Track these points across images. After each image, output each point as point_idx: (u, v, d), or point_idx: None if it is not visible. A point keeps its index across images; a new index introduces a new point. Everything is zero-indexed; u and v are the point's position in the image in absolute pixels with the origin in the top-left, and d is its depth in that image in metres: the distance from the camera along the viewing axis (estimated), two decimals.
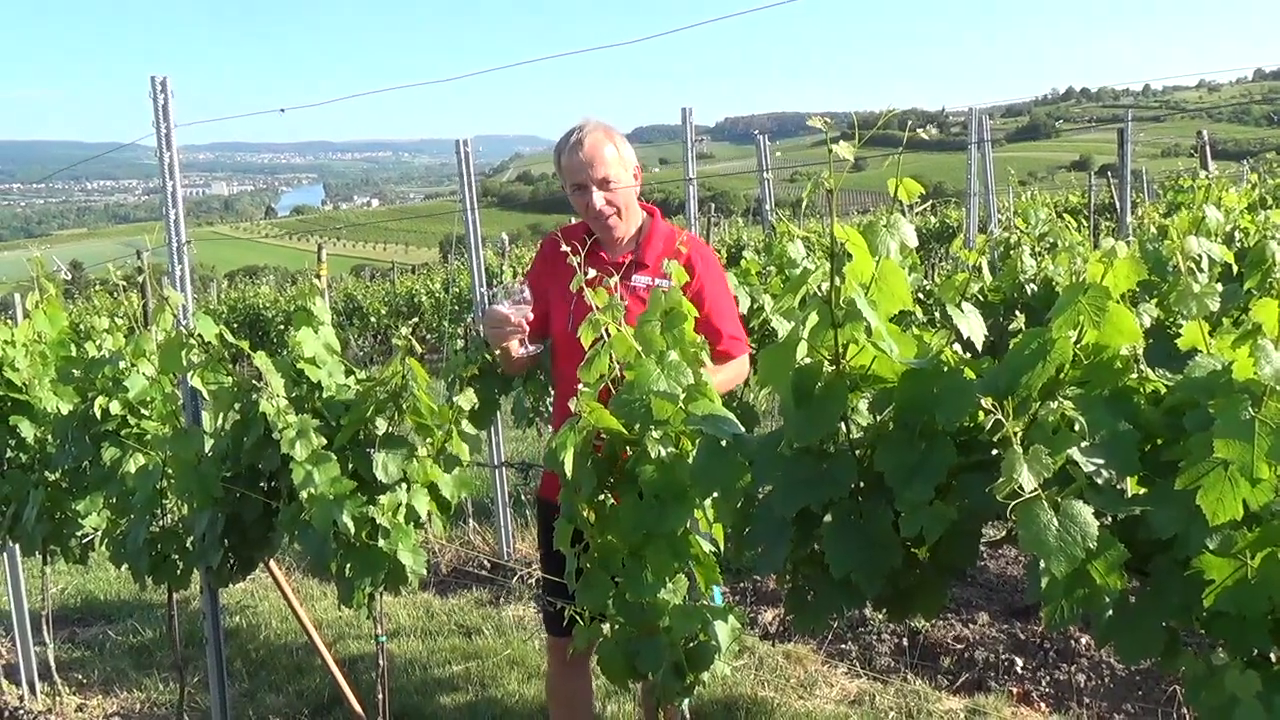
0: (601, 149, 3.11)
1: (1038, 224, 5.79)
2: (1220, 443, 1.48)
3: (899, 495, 1.76)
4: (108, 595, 6.82)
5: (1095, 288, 1.68)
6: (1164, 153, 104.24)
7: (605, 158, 3.11)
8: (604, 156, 3.11)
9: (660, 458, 2.20)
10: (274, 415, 2.91)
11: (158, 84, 3.29)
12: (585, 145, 3.10)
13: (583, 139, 3.11)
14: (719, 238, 17.39)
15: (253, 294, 20.70)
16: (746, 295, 4.66)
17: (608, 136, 3.15)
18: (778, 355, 1.87)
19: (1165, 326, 3.42)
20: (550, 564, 3.13)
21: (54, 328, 4.38)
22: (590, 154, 3.10)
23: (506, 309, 2.98)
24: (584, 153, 3.09)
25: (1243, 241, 4.43)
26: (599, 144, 3.12)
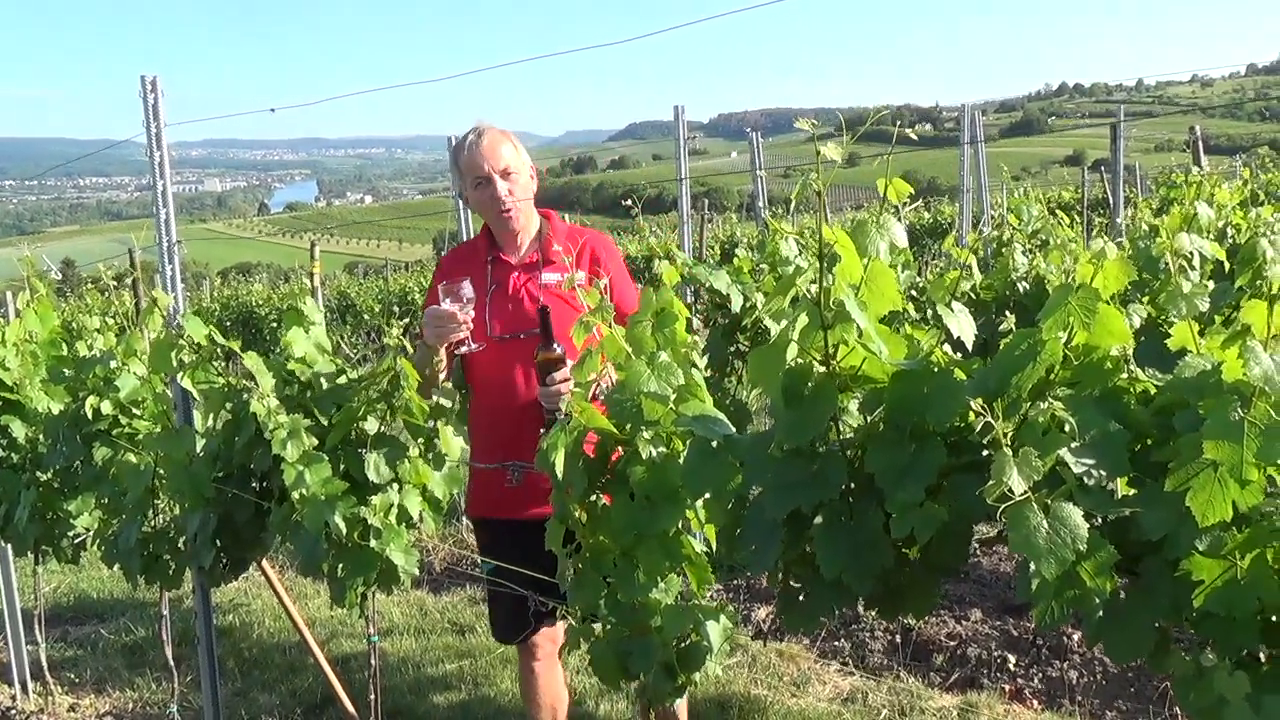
0: (500, 146, 3.17)
1: (1030, 221, 5.79)
2: (1209, 444, 1.48)
3: (890, 496, 1.76)
4: (100, 594, 6.81)
5: (1085, 289, 1.68)
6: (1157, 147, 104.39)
7: (504, 153, 3.17)
8: (502, 152, 3.17)
9: (651, 458, 2.20)
10: (265, 415, 2.90)
11: (148, 84, 3.28)
12: (484, 140, 3.16)
13: (480, 136, 3.17)
14: (712, 234, 17.38)
15: (245, 292, 20.60)
16: (739, 293, 4.65)
17: (505, 136, 3.22)
18: (768, 356, 1.87)
19: (1158, 324, 3.43)
20: (499, 575, 3.12)
21: (45, 327, 4.36)
22: (489, 149, 3.15)
23: (450, 305, 2.96)
24: (483, 147, 3.14)
25: (1234, 238, 4.43)
26: (497, 141, 3.17)
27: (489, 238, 3.25)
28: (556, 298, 3.11)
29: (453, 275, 3.16)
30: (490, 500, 3.25)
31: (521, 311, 3.16)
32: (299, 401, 3.12)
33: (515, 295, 3.18)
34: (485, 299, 3.15)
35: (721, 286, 4.70)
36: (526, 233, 3.24)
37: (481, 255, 3.24)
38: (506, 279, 3.20)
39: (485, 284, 3.18)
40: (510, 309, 3.17)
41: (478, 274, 3.18)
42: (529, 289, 3.18)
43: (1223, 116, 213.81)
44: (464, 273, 3.16)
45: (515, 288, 3.19)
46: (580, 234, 3.31)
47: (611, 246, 3.34)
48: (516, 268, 3.21)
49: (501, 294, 3.19)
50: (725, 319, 5.01)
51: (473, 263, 3.24)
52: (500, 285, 3.19)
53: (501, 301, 3.18)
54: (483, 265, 3.22)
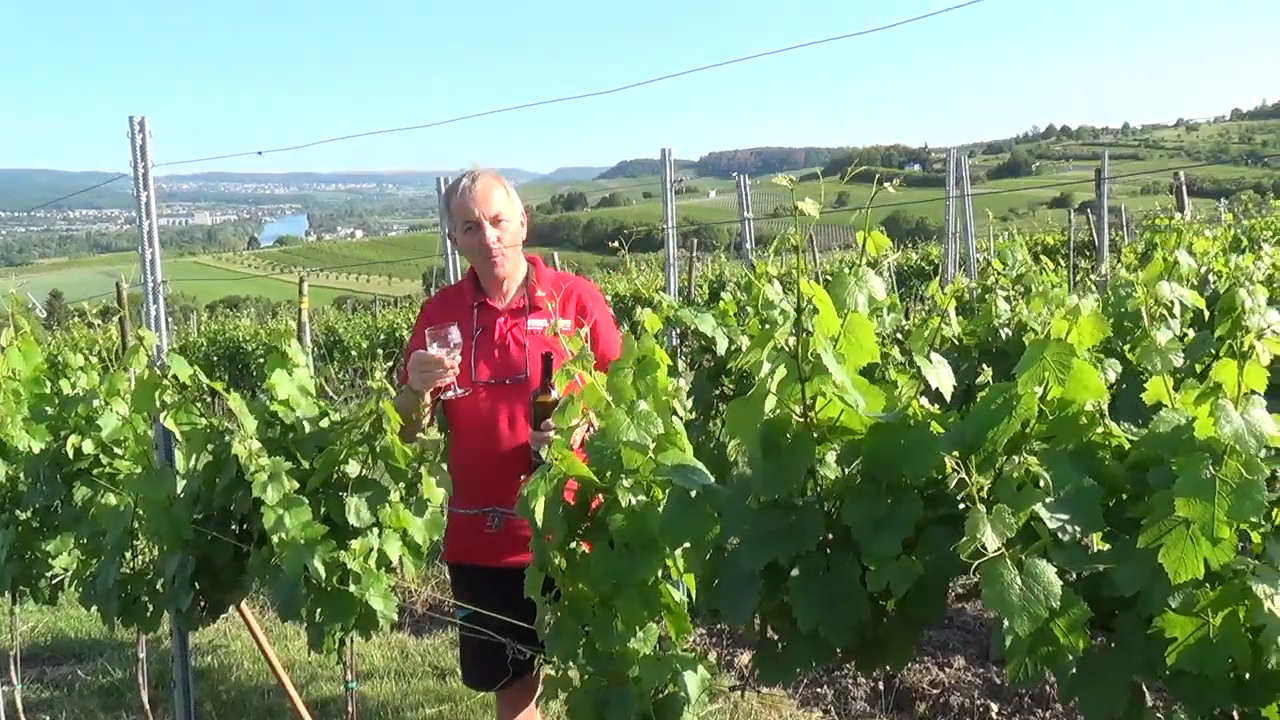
0: (492, 191, 3.17)
1: (1015, 265, 5.83)
2: (1181, 501, 1.49)
3: (866, 549, 1.76)
4: (79, 633, 6.75)
5: (1060, 344, 1.69)
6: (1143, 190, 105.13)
7: (496, 199, 3.17)
8: (494, 198, 3.17)
9: (631, 506, 2.20)
10: (246, 458, 2.89)
11: (136, 124, 3.29)
12: (477, 186, 3.16)
13: (474, 181, 3.17)
14: (700, 273, 17.45)
15: (232, 326, 20.59)
16: (724, 336, 4.67)
17: (498, 181, 3.22)
18: (746, 408, 1.88)
19: (1138, 373, 3.45)
20: (474, 621, 3.10)
21: (29, 364, 4.35)
22: (482, 193, 3.15)
23: (436, 350, 2.96)
24: (475, 193, 3.15)
25: (1216, 285, 4.47)
26: (490, 186, 3.17)
27: (474, 282, 3.26)
28: (542, 343, 3.12)
29: (438, 319, 3.16)
30: (468, 546, 3.24)
31: (508, 357, 3.17)
32: (281, 444, 3.11)
33: (501, 341, 3.18)
34: (471, 344, 3.15)
35: (707, 329, 4.72)
36: (513, 279, 3.25)
37: (467, 300, 3.25)
38: (493, 324, 3.20)
39: (471, 329, 3.18)
40: (496, 355, 3.17)
41: (463, 318, 3.18)
42: (515, 335, 3.19)
43: (1208, 160, 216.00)
44: (449, 317, 3.16)
45: (501, 333, 3.19)
46: (566, 280, 3.32)
47: (597, 294, 3.35)
48: (503, 313, 3.22)
49: (487, 339, 3.19)
50: (710, 362, 5.03)
51: (458, 307, 3.25)
52: (486, 330, 3.20)
53: (487, 347, 3.18)
54: (468, 310, 3.22)
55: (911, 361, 4.75)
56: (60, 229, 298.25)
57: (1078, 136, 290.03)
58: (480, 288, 3.25)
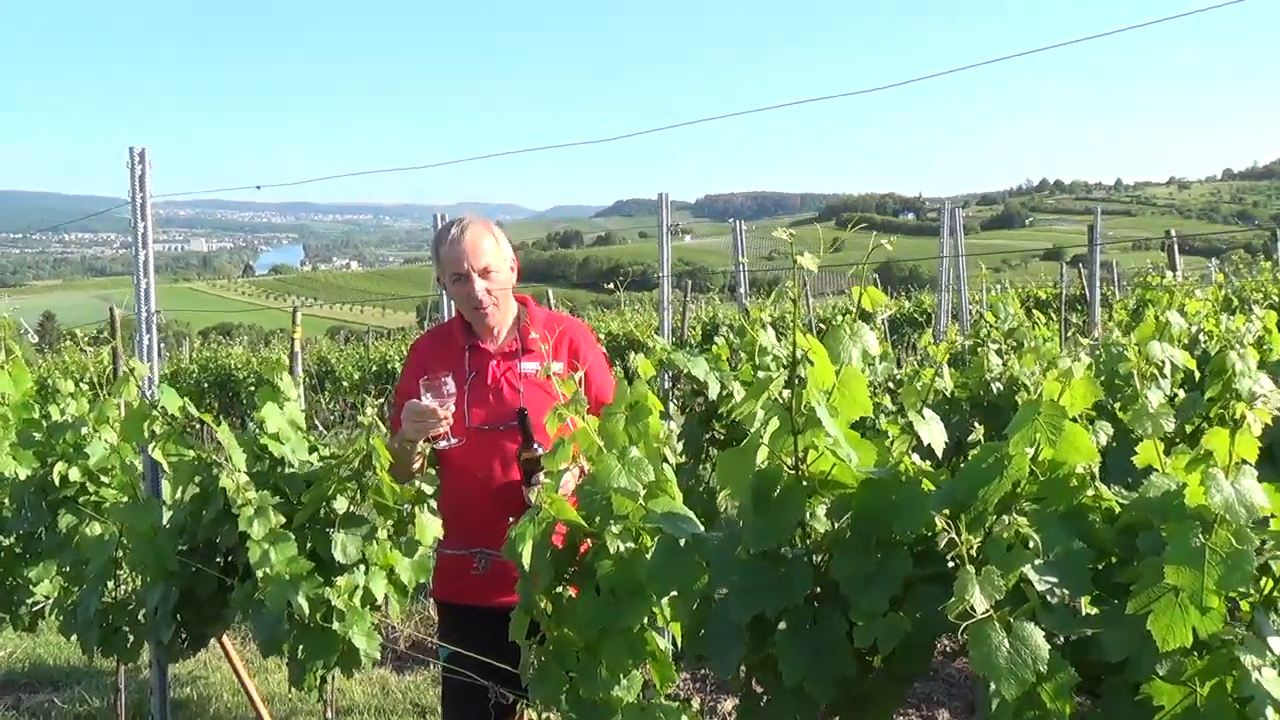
0: (481, 241, 3.16)
1: (1007, 318, 5.86)
2: (1171, 569, 1.49)
3: (855, 605, 1.76)
4: (57, 660, 6.66)
5: (1052, 406, 1.70)
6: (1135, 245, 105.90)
7: (485, 249, 3.16)
8: (483, 248, 3.15)
9: (619, 553, 2.19)
10: (233, 491, 2.88)
11: (136, 155, 3.30)
12: (466, 237, 3.15)
13: (463, 231, 3.16)
14: (694, 315, 17.48)
15: (225, 354, 20.54)
16: (716, 380, 4.67)
17: (487, 229, 3.21)
18: (737, 459, 1.88)
19: (1129, 432, 3.45)
20: (456, 662, 3.06)
21: (18, 389, 4.34)
22: (470, 245, 3.14)
23: (430, 401, 2.95)
24: (464, 244, 3.14)
25: (1206, 345, 4.49)
26: (479, 236, 3.16)
27: (466, 323, 3.26)
28: (535, 386, 3.11)
29: (428, 361, 3.15)
30: (456, 585, 3.21)
31: (501, 401, 3.16)
32: (269, 478, 3.10)
33: (495, 385, 3.17)
34: (464, 386, 3.14)
35: (699, 374, 4.73)
36: (503, 324, 3.25)
37: (459, 341, 3.24)
38: (485, 367, 3.19)
39: (463, 372, 3.17)
40: (490, 399, 3.16)
41: (455, 361, 3.17)
42: (508, 379, 3.18)
43: (1199, 218, 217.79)
44: (441, 358, 3.15)
45: (495, 377, 3.18)
46: (558, 322, 3.32)
47: (589, 335, 3.35)
48: (495, 355, 3.21)
49: (480, 383, 3.18)
50: (702, 405, 5.03)
51: (450, 348, 3.24)
52: (479, 374, 3.19)
53: (481, 391, 3.17)
54: (460, 352, 3.21)
55: (903, 412, 4.77)
56: (55, 251, 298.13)
57: (1071, 191, 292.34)
58: (472, 330, 3.25)
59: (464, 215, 3.25)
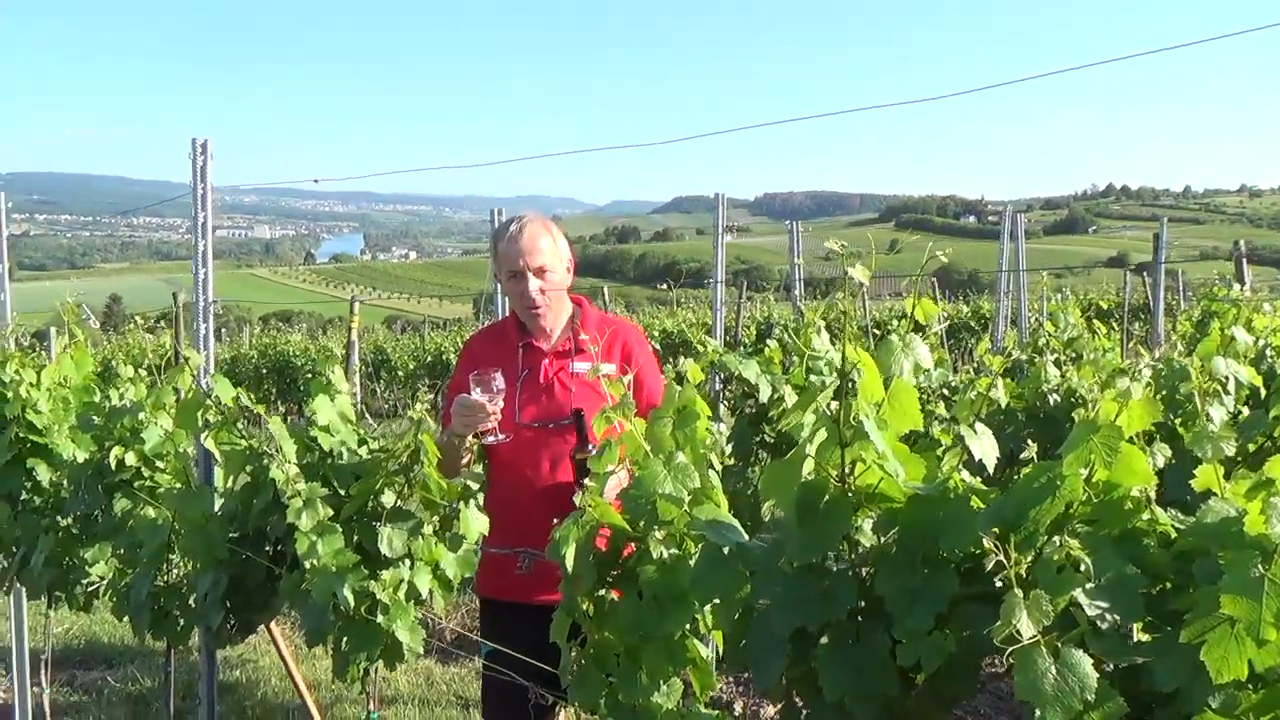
0: (538, 240, 3.15)
1: (1066, 328, 5.76)
2: (1227, 598, 1.45)
3: (899, 622, 1.73)
4: (111, 639, 6.80)
5: (1109, 427, 1.65)
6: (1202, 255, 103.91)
7: (542, 248, 3.15)
8: (540, 247, 3.15)
9: (662, 558, 2.18)
10: (283, 483, 2.91)
11: (198, 146, 3.35)
12: (524, 235, 3.14)
13: (522, 229, 3.15)
14: (749, 314, 17.42)
15: (283, 341, 20.85)
16: (768, 384, 4.64)
17: (545, 228, 3.20)
18: (783, 470, 1.86)
19: (1188, 451, 3.38)
20: (497, 660, 3.05)
21: (80, 373, 4.42)
22: (528, 243, 3.13)
23: (480, 397, 2.95)
24: (522, 242, 3.13)
25: (1273, 361, 4.37)
26: (536, 235, 3.16)
27: (519, 322, 3.26)
28: (587, 386, 3.11)
29: (481, 358, 3.16)
30: (499, 582, 3.22)
31: (553, 400, 3.16)
32: (319, 469, 3.12)
33: (547, 383, 3.18)
34: (516, 384, 3.14)
35: (751, 376, 4.70)
36: (557, 323, 3.25)
37: (513, 339, 3.25)
38: (538, 365, 3.20)
39: (516, 369, 3.18)
40: (542, 397, 3.17)
41: (509, 358, 3.18)
42: (561, 378, 3.18)
43: (1270, 228, 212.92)
44: (494, 356, 3.16)
45: (547, 376, 3.19)
46: (612, 324, 3.32)
47: (642, 338, 3.34)
48: (548, 354, 3.21)
49: (533, 380, 3.19)
50: (753, 408, 5.00)
51: (504, 345, 3.25)
52: (532, 371, 3.19)
53: (533, 389, 3.18)
54: (514, 350, 3.22)
55: (956, 421, 4.70)
56: (124, 235, 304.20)
57: (1138, 197, 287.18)
58: (526, 328, 3.25)
59: (524, 213, 3.25)
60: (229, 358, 19.87)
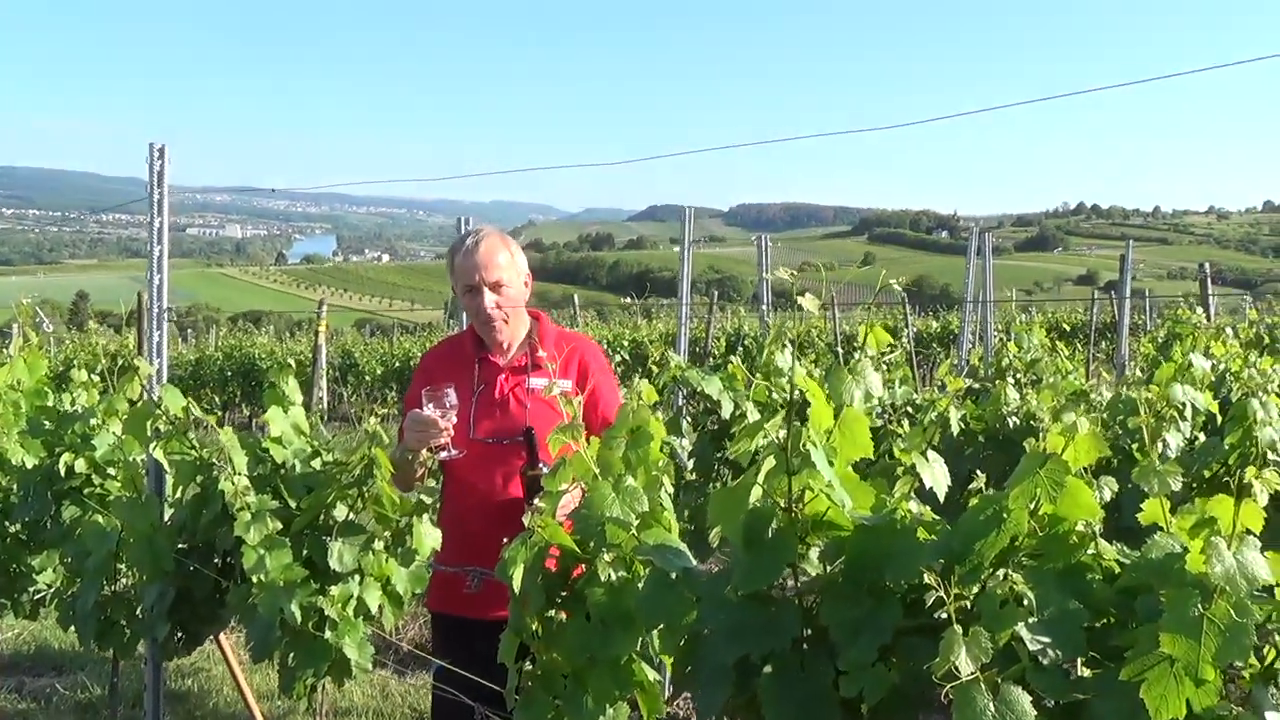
0: (495, 254, 3.13)
1: (1030, 349, 5.79)
2: (1167, 638, 1.44)
3: (843, 653, 1.71)
4: (61, 645, 6.69)
5: (1055, 460, 1.65)
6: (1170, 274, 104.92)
7: (499, 262, 3.13)
8: (497, 261, 3.13)
9: (610, 581, 2.16)
10: (231, 495, 2.87)
11: (155, 150, 3.30)
12: (480, 249, 3.12)
13: (478, 243, 3.13)
14: (720, 326, 17.44)
15: (250, 343, 20.68)
16: (730, 400, 4.63)
17: (502, 243, 3.18)
18: (730, 496, 1.84)
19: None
20: (446, 678, 3.01)
21: (32, 376, 4.36)
22: (484, 257, 3.11)
23: (433, 412, 2.92)
24: (478, 256, 3.11)
25: (1231, 387, 4.41)
26: (493, 249, 3.14)
27: (476, 336, 3.23)
28: (543, 402, 3.08)
29: (437, 373, 3.12)
30: (449, 598, 3.18)
31: (508, 416, 3.13)
32: (270, 481, 3.09)
33: (502, 399, 3.15)
34: (471, 398, 3.11)
35: (713, 392, 4.69)
36: (515, 339, 3.22)
37: (469, 353, 3.22)
38: (494, 380, 3.17)
39: (472, 383, 3.14)
40: (497, 413, 3.14)
41: (464, 372, 3.15)
42: (516, 394, 3.15)
43: (1237, 249, 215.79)
44: (449, 370, 3.13)
45: (502, 391, 3.15)
46: (569, 340, 3.29)
47: (599, 355, 3.32)
48: (504, 369, 3.18)
49: (488, 395, 3.15)
50: (715, 424, 4.99)
51: (459, 360, 3.22)
52: (488, 386, 3.16)
53: (488, 404, 3.15)
54: (470, 364, 3.19)
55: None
56: (92, 231, 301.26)
57: (1108, 216, 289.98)
58: (483, 343, 3.22)
59: (481, 227, 3.23)
60: (194, 359, 19.68)
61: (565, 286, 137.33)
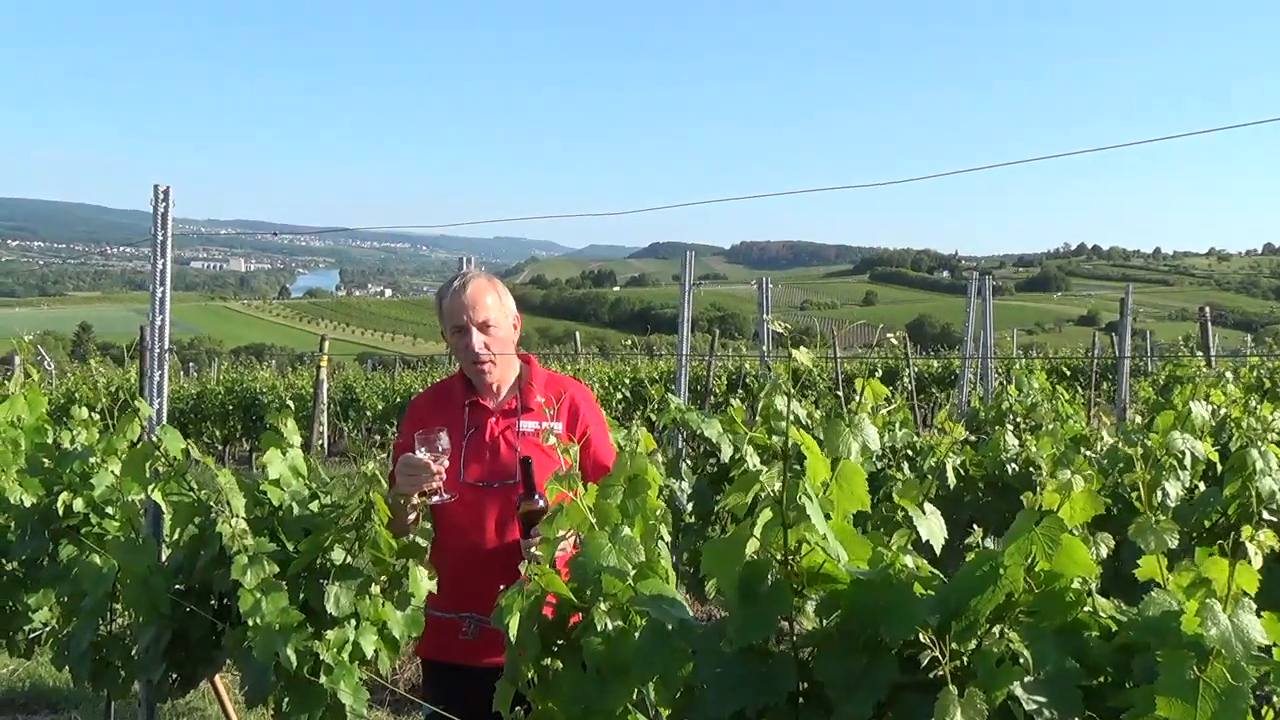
0: (483, 295, 3.14)
1: (1029, 394, 5.79)
2: (1163, 700, 1.44)
3: (837, 709, 1.71)
4: (56, 682, 6.64)
5: (1050, 518, 1.65)
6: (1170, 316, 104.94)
7: (487, 303, 3.14)
8: (486, 302, 3.14)
9: (607, 631, 2.15)
10: (229, 538, 2.86)
11: (159, 192, 3.32)
12: (468, 290, 3.14)
13: (465, 284, 3.15)
14: (721, 364, 17.46)
15: (250, 377, 20.68)
16: (729, 444, 4.63)
17: (490, 285, 3.20)
18: (726, 548, 1.84)
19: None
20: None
21: (32, 414, 4.36)
22: (472, 298, 3.13)
23: (425, 456, 2.92)
24: (466, 296, 3.13)
25: (1232, 433, 4.40)
26: (481, 290, 3.15)
27: (465, 380, 3.24)
28: (534, 445, 3.08)
29: (427, 417, 3.13)
30: (442, 644, 3.16)
31: (498, 459, 3.13)
32: (267, 524, 3.08)
33: (492, 442, 3.15)
34: (462, 442, 3.11)
35: (712, 435, 4.69)
36: (504, 381, 3.22)
37: (459, 397, 3.22)
38: (484, 424, 3.16)
39: (462, 427, 3.14)
40: (487, 456, 3.13)
41: (454, 416, 3.15)
42: (506, 437, 3.15)
43: (1238, 291, 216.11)
44: (439, 414, 3.13)
45: (493, 434, 3.15)
46: (560, 383, 3.29)
47: (590, 399, 3.32)
48: (494, 413, 3.18)
49: (479, 439, 3.15)
50: (714, 467, 4.99)
51: (449, 404, 3.22)
52: (478, 430, 3.16)
53: (479, 447, 3.14)
54: (459, 407, 3.19)
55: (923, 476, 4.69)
56: (97, 263, 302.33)
57: (1109, 257, 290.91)
58: (473, 386, 3.23)
59: (468, 270, 3.25)
60: (195, 393, 19.68)
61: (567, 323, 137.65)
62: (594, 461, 3.04)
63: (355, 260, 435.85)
